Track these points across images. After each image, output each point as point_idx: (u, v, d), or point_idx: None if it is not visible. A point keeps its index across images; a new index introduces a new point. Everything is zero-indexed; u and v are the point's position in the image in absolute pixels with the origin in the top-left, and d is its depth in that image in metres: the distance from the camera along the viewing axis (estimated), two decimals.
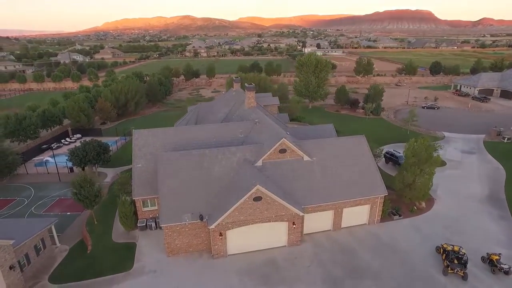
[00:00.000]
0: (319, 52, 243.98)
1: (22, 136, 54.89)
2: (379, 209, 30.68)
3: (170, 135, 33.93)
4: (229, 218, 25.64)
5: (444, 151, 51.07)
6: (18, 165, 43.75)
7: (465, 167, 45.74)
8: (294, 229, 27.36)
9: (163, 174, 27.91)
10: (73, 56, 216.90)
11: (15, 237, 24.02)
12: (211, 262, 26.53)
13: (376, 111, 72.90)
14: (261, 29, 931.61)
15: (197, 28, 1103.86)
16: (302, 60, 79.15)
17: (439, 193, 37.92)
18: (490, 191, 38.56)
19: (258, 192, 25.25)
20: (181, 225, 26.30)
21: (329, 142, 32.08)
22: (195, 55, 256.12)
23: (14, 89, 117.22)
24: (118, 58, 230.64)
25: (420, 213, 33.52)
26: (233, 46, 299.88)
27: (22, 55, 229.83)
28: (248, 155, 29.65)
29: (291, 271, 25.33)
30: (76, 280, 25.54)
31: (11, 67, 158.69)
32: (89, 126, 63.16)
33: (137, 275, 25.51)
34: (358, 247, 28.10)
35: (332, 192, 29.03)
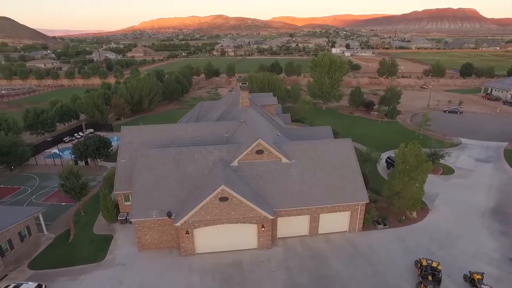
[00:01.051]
0: (348, 52, 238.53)
1: (40, 129, 58.45)
2: (360, 217, 29.25)
3: (157, 132, 34.51)
4: (195, 217, 25.62)
5: (456, 159, 48.08)
6: (27, 156, 46.53)
7: (475, 177, 42.52)
8: (263, 232, 26.79)
9: (138, 170, 28.45)
10: (106, 54, 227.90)
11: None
12: (179, 260, 26.67)
13: (391, 114, 69.78)
14: (293, 29, 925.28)
15: (229, 27, 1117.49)
16: (316, 60, 77.57)
17: (437, 203, 35.55)
18: (496, 204, 35.55)
19: (224, 192, 24.99)
20: (150, 220, 26.68)
21: (312, 144, 31.03)
22: (222, 54, 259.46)
23: (48, 85, 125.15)
24: (147, 57, 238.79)
25: (409, 223, 31.57)
26: (261, 45, 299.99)
27: (62, 53, 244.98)
28: (225, 155, 29.45)
29: (255, 275, 24.84)
30: (52, 267, 26.69)
31: (49, 64, 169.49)
32: (103, 122, 65.90)
33: (107, 267, 26.23)
34: (331, 255, 26.98)
35: (308, 196, 28.08)
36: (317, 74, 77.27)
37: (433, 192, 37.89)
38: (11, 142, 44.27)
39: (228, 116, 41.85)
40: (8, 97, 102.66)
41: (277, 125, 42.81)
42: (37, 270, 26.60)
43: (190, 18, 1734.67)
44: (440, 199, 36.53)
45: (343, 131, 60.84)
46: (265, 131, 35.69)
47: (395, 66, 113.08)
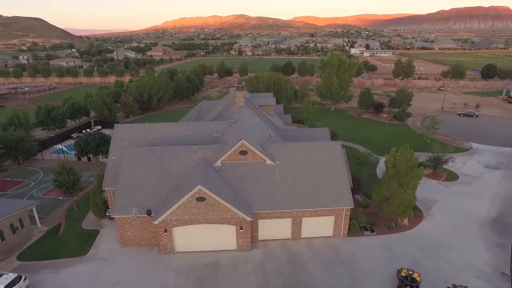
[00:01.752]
0: (367, 53, 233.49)
1: (51, 125, 60.74)
2: (345, 222, 28.43)
3: (148, 131, 34.93)
4: (173, 216, 25.75)
5: (463, 164, 46.04)
6: (34, 151, 48.42)
7: (480, 184, 40.48)
8: (242, 233, 26.57)
9: (124, 168, 28.92)
10: (126, 53, 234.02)
11: None
12: (158, 257, 26.91)
13: (401, 116, 67.61)
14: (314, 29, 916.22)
15: (250, 27, 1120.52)
16: (325, 61, 76.36)
17: (434, 211, 34.08)
18: (499, 214, 33.66)
19: (201, 192, 24.97)
20: (132, 217, 27.07)
21: (299, 146, 30.46)
22: (239, 54, 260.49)
23: (67, 83, 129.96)
24: (166, 55, 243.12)
25: (400, 230, 30.40)
26: (279, 45, 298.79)
27: (85, 52, 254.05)
28: (209, 155, 29.43)
29: (229, 277, 24.66)
30: (38, 259, 27.59)
31: (71, 63, 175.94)
32: (111, 119, 67.61)
33: (88, 261, 26.85)
34: (310, 260, 26.39)
35: (290, 199, 27.60)
36: (326, 75, 76.10)
37: (431, 199, 36.43)
38: (19, 137, 46.17)
39: (224, 116, 41.86)
40: (30, 94, 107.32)
41: (273, 126, 42.38)
42: (25, 261, 27.57)
43: (211, 18, 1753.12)
44: (437, 206, 35.01)
45: (347, 133, 59.66)
46: (257, 131, 35.43)
47: (412, 67, 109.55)
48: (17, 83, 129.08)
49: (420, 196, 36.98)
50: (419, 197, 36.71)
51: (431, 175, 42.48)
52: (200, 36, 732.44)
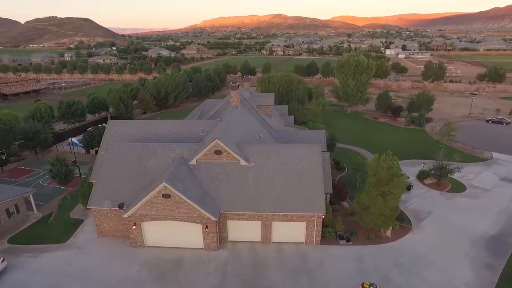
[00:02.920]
0: (402, 54, 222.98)
1: (71, 118, 64.71)
2: (317, 229, 27.40)
3: (139, 127, 36.07)
4: (141, 211, 26.38)
5: (475, 175, 42.63)
6: (48, 142, 51.85)
7: (489, 198, 37.18)
8: (207, 233, 26.58)
9: (105, 161, 30.12)
10: (161, 51, 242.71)
11: None
12: (128, 250, 27.71)
13: (419, 121, 63.85)
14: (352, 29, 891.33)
15: (287, 26, 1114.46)
16: (342, 61, 74.08)
17: (425, 223, 31.84)
18: (499, 232, 30.70)
19: (166, 189, 25.31)
20: (107, 209, 28.09)
21: (276, 148, 29.85)
22: (270, 53, 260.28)
23: (100, 79, 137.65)
24: (198, 54, 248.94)
25: (379, 242, 28.73)
26: (312, 45, 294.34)
27: (123, 50, 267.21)
28: (186, 153, 29.75)
29: (189, 275, 24.80)
30: (25, 243, 29.52)
31: (108, 60, 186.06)
32: (127, 115, 70.58)
33: (66, 248, 28.32)
34: (275, 265, 25.77)
35: (260, 201, 27.13)
36: (343, 76, 73.82)
37: (426, 211, 34.10)
38: (35, 129, 49.71)
39: (220, 115, 42.09)
40: (65, 89, 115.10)
41: (267, 127, 41.93)
42: (13, 244, 29.61)
43: (249, 17, 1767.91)
44: (431, 219, 32.67)
45: (357, 137, 57.56)
46: (244, 131, 35.28)
47: (443, 69, 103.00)
48: (57, 79, 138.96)
49: (416, 206, 35.01)
50: (414, 207, 34.80)
51: (434, 185, 39.72)
52: (236, 36, 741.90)
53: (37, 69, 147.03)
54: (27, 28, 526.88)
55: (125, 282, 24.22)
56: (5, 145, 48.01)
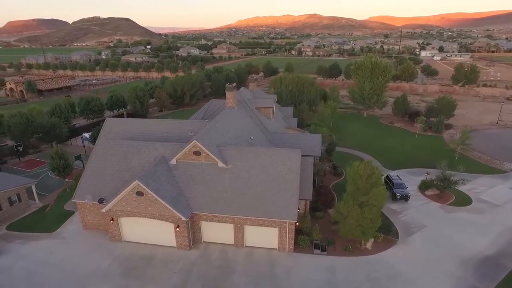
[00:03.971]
0: (438, 56, 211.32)
1: (90, 114, 68.25)
2: (289, 236, 26.74)
3: (134, 125, 37.00)
4: (117, 206, 27.26)
5: (487, 188, 39.56)
6: (64, 136, 55.02)
7: (496, 214, 34.28)
8: (179, 232, 26.88)
9: (94, 157, 31.45)
10: (191, 50, 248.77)
11: None
12: (106, 244, 28.73)
13: (437, 127, 60.21)
14: (390, 29, 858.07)
15: (322, 26, 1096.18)
16: (358, 63, 71.61)
17: (415, 237, 29.99)
18: (497, 253, 28.20)
19: (139, 187, 25.93)
20: (90, 203, 29.32)
21: (256, 151, 29.48)
22: (299, 54, 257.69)
23: (129, 77, 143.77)
24: (229, 53, 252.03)
25: (357, 254, 27.46)
26: (343, 46, 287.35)
27: (156, 49, 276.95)
28: (168, 152, 30.26)
29: (155, 272, 25.25)
30: (20, 231, 31.57)
31: (139, 58, 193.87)
32: (142, 112, 73.14)
33: (52, 238, 29.93)
34: (242, 269, 25.51)
35: (232, 204, 26.99)
36: (359, 78, 71.37)
37: (419, 224, 32.10)
38: (52, 124, 53.00)
39: (214, 116, 42.39)
40: (95, 86, 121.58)
41: (263, 129, 41.62)
42: (10, 231, 31.75)
43: (284, 17, 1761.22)
44: (422, 233, 30.69)
45: (367, 142, 55.45)
46: (234, 133, 35.26)
47: (475, 72, 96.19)
48: (90, 76, 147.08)
49: (409, 218, 33.14)
50: (407, 219, 32.95)
51: (435, 197, 37.29)
52: (270, 35, 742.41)
53: (74, 67, 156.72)
54: (74, 28, 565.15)
55: (95, 274, 25.16)
56: (24, 138, 51.71)
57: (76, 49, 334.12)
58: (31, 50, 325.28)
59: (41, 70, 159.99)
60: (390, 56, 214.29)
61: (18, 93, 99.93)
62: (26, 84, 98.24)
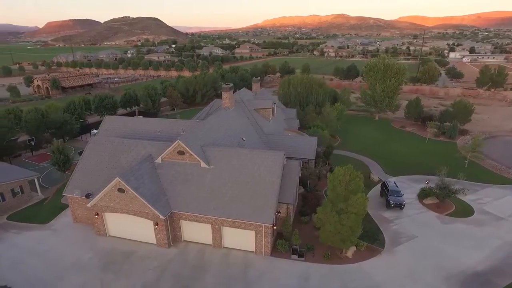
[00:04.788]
0: (467, 58, 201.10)
1: (103, 111, 70.78)
2: (266, 240, 26.43)
3: (130, 123, 38.14)
4: (102, 202, 28.09)
5: (494, 199, 37.60)
6: (75, 132, 57.41)
7: (498, 227, 32.22)
8: (158, 230, 27.30)
9: (86, 153, 32.58)
10: (214, 49, 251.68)
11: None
12: (92, 237, 29.68)
13: (450, 133, 57.41)
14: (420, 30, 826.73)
15: (349, 27, 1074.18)
16: (370, 65, 69.60)
17: (402, 248, 28.76)
18: (489, 269, 26.46)
19: (120, 184, 26.58)
20: (79, 197, 30.41)
21: (238, 152, 29.35)
22: (321, 54, 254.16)
23: (150, 75, 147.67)
24: (252, 53, 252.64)
25: (336, 262, 26.65)
26: (367, 46, 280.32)
27: (180, 48, 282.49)
28: (154, 151, 30.79)
29: (131, 267, 25.82)
30: (18, 221, 33.29)
31: (162, 57, 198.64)
32: (153, 110, 74.90)
33: (44, 229, 31.32)
34: (215, 270, 25.51)
35: (210, 205, 27.06)
36: (371, 80, 69.38)
37: (409, 234, 30.74)
38: (64, 120, 55.48)
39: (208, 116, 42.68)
40: (116, 84, 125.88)
41: (259, 130, 41.48)
42: (10, 220, 33.55)
43: (310, 17, 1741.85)
44: (411, 244, 29.34)
45: (373, 146, 53.85)
46: (225, 133, 35.42)
47: (503, 75, 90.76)
48: (113, 74, 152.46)
49: (400, 228, 31.85)
50: (398, 229, 31.68)
51: (434, 206, 35.58)
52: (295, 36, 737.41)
53: (99, 65, 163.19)
54: (104, 28, 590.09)
55: (75, 265, 26.08)
56: (38, 133, 54.40)
57: (104, 48, 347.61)
58: (64, 49, 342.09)
59: (69, 68, 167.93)
60: (415, 58, 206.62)
61: (44, 90, 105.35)
62: (51, 82, 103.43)
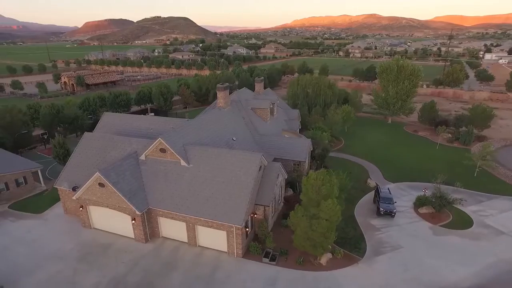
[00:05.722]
0: (504, 60, 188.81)
1: (117, 108, 73.44)
2: (237, 241, 26.25)
3: (126, 120, 39.27)
4: (85, 195, 29.17)
5: (499, 212, 35.34)
6: (85, 127, 59.96)
7: (495, 243, 30.05)
8: (135, 224, 27.93)
9: (79, 147, 33.94)
10: (239, 49, 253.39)
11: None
12: (78, 229, 30.87)
13: (465, 139, 54.20)
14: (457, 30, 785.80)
15: (380, 27, 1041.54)
16: (383, 66, 67.12)
17: (383, 258, 27.53)
18: (473, 287, 24.68)
19: (100, 179, 27.44)
20: (68, 190, 31.74)
21: (218, 152, 29.30)
22: (346, 55, 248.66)
23: (171, 73, 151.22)
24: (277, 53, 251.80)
25: (308, 268, 25.93)
26: (395, 47, 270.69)
27: (206, 47, 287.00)
28: (140, 148, 31.47)
29: (106, 260, 26.59)
30: (17, 210, 35.27)
31: (186, 56, 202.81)
32: (165, 108, 76.62)
33: (37, 219, 32.97)
34: (185, 268, 25.67)
35: (185, 203, 27.29)
36: (384, 82, 66.94)
37: (395, 244, 29.37)
38: (75, 115, 58.19)
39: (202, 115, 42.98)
40: (138, 81, 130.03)
41: (253, 130, 41.29)
42: (11, 209, 35.56)
43: (341, 17, 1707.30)
44: (394, 254, 27.98)
45: (378, 151, 52.09)
46: (215, 132, 35.60)
47: None
48: (137, 72, 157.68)
49: (386, 237, 30.56)
50: (383, 237, 30.45)
51: (428, 216, 33.77)
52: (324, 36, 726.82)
53: (125, 63, 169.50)
54: (136, 27, 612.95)
55: (56, 255, 27.26)
56: (52, 127, 57.39)
57: (132, 46, 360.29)
58: (96, 47, 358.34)
59: (97, 66, 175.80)
60: (445, 59, 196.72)
61: (70, 87, 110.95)
62: (76, 79, 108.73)
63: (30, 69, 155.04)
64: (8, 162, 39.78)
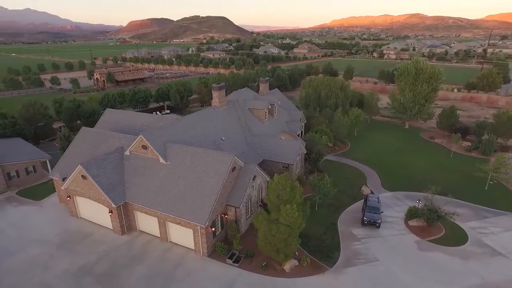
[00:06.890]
0: None
1: (135, 105, 76.75)
2: (202, 240, 26.48)
3: (124, 116, 41.02)
4: (71, 186, 30.97)
5: (503, 230, 32.62)
6: None
7: (486, 264, 27.61)
8: (112, 217, 29.17)
9: (75, 141, 36.05)
10: (271, 49, 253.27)
11: (10, 157, 39.65)
12: (66, 217, 32.84)
13: (485, 149, 50.21)
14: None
15: (424, 27, 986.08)
16: (401, 69, 63.90)
17: (351, 270, 26.34)
18: None
19: (82, 171, 28.97)
20: (60, 180, 33.84)
21: (193, 151, 29.66)
22: (380, 57, 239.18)
23: (199, 72, 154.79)
24: (310, 53, 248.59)
25: (270, 274, 25.43)
26: (435, 49, 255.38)
27: (239, 46, 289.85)
28: (126, 143, 32.72)
29: (83, 248, 28.07)
30: (22, 196, 38.21)
31: (217, 55, 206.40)
32: (181, 106, 78.75)
33: (35, 205, 35.52)
34: (149, 263, 26.35)
35: (158, 199, 28.02)
36: (402, 85, 63.76)
37: (371, 257, 27.99)
38: (93, 110, 61.71)
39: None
40: (165, 79, 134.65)
41: (247, 131, 41.33)
42: (18, 195, 38.62)
43: (381, 17, 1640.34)
44: (366, 267, 26.64)
45: (381, 157, 50.00)
46: (203, 132, 36.23)
47: None
48: (168, 69, 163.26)
49: (363, 248, 29.31)
50: (360, 249, 29.22)
51: (417, 229, 31.82)
52: (362, 36, 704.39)
53: (156, 61, 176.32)
54: (176, 26, 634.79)
55: (40, 240, 29.23)
56: (71, 121, 61.31)
57: (169, 44, 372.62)
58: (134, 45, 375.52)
59: (131, 63, 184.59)
60: (490, 62, 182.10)
61: (101, 83, 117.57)
62: (107, 75, 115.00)
63: (71, 66, 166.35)
64: (21, 151, 43.21)
